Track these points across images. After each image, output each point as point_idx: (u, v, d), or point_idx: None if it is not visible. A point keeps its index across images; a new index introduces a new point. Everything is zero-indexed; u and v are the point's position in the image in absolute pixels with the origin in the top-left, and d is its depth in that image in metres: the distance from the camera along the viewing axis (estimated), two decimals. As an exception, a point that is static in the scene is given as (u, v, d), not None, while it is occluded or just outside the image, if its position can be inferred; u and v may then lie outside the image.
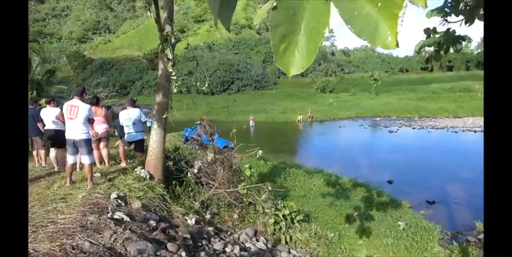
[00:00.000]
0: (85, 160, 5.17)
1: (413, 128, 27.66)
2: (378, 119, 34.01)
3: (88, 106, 5.21)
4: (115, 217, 4.18)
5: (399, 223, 7.33)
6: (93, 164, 5.46)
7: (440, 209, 9.80)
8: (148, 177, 5.92)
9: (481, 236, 7.93)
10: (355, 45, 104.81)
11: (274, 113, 38.50)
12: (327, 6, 0.74)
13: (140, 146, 6.90)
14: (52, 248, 3.14)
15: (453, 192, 11.15)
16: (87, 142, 5.21)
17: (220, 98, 50.62)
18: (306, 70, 72.27)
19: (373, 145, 21.82)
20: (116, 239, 3.59)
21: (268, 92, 55.79)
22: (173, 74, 5.78)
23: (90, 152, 5.24)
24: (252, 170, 7.85)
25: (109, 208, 4.38)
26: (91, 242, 3.37)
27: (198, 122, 17.32)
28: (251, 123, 30.39)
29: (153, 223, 4.55)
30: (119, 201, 4.80)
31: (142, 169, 6.11)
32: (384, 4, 0.68)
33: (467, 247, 6.73)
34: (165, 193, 5.85)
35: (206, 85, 8.47)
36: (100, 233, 3.63)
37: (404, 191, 10.82)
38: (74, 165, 5.38)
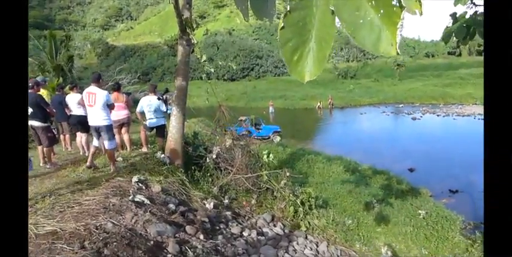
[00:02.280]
0: (107, 145, 5.30)
1: (437, 116, 26.74)
2: (400, 105, 33.03)
3: (105, 92, 5.23)
4: (136, 199, 4.30)
5: (419, 211, 7.20)
6: (115, 149, 5.60)
7: (464, 199, 9.54)
8: (168, 162, 6.04)
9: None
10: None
11: (294, 99, 38.10)
12: (333, 19, 0.80)
13: (161, 131, 7.00)
14: (77, 228, 3.28)
15: (477, 181, 10.75)
16: (108, 127, 5.28)
17: (240, 84, 50.50)
18: (328, 55, 70.68)
19: (395, 133, 21.31)
20: (136, 221, 3.71)
21: (288, 78, 54.89)
22: (203, 59, 5.78)
23: (111, 137, 5.33)
24: (271, 156, 7.84)
25: (130, 191, 4.51)
26: (113, 223, 3.50)
27: (243, 118, 18.40)
28: (270, 109, 30.27)
29: (172, 206, 4.66)
30: (140, 184, 4.93)
31: (162, 154, 6.23)
32: (386, 12, 0.73)
33: (490, 238, 6.53)
34: (185, 178, 5.96)
35: (234, 67, 8.55)
36: (122, 215, 3.76)
37: (426, 179, 10.57)
38: (97, 147, 5.53)
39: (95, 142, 5.43)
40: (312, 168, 10.46)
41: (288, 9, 0.81)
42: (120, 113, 6.61)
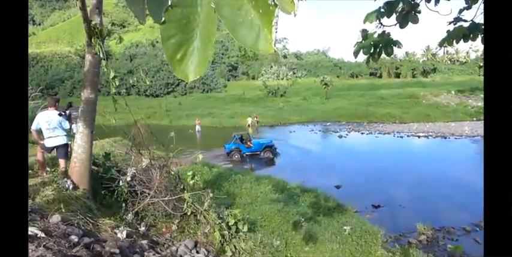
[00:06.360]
0: None
1: (362, 133, 29.42)
2: (328, 124, 35.60)
3: None
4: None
5: (345, 227, 7.70)
6: None
7: (385, 213, 10.50)
8: (71, 187, 5.54)
9: (422, 237, 8.63)
10: (308, 49, 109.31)
11: (222, 117, 38.42)
12: (214, 16, 0.84)
13: (63, 152, 6.43)
14: None
15: (397, 196, 12.02)
16: None
17: (165, 100, 49.33)
18: (258, 73, 73.60)
19: (322, 150, 22.76)
20: (24, 257, 3.29)
21: (216, 95, 55.60)
22: (111, 75, 5.38)
23: None
24: (196, 177, 7.71)
25: (19, 223, 4.01)
26: (-8, 263, 3.05)
27: (234, 135, 19.66)
28: (197, 128, 30.01)
29: (74, 238, 4.24)
30: (33, 215, 4.41)
31: (64, 177, 5.71)
32: (264, 11, 0.80)
33: (408, 249, 7.27)
34: (92, 205, 5.51)
35: (148, 82, 8.20)
36: (5, 252, 3.31)
37: (351, 195, 11.42)
38: None
39: None
40: (240, 188, 10.54)
41: (170, 3, 0.83)
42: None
